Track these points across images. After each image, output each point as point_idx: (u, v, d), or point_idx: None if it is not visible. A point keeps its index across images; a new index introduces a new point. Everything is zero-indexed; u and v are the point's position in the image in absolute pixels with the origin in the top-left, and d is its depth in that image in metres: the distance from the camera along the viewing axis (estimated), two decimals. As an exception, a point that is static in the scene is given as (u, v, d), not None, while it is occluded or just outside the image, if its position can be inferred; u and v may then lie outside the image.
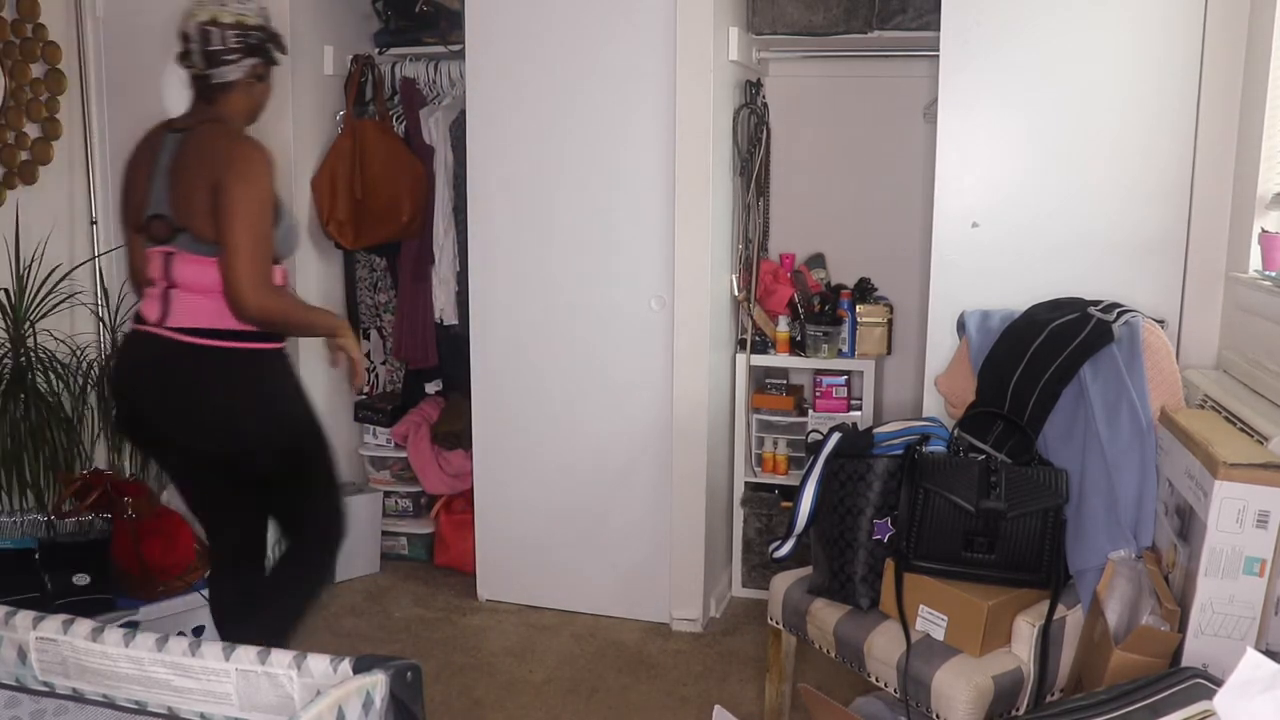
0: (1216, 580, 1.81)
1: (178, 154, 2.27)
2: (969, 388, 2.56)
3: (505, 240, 3.32)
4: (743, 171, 3.38)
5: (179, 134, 2.30)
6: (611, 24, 3.13)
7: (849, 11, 3.23)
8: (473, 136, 3.31)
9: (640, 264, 3.21)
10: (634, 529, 3.32)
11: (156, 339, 2.26)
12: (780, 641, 2.50)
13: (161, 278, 2.26)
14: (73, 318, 3.44)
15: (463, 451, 3.72)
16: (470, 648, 3.17)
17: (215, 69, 2.30)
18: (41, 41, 3.42)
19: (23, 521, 3.09)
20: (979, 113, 2.77)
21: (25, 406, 3.12)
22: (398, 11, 3.63)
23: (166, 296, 2.26)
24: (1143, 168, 2.67)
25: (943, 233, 2.81)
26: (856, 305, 3.40)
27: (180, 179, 2.25)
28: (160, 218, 2.25)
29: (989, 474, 2.19)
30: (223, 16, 2.28)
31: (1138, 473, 2.15)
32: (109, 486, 2.85)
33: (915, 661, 2.09)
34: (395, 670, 1.24)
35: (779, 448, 3.48)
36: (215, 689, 1.29)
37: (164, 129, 2.34)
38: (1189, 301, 2.68)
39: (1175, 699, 1.50)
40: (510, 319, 3.35)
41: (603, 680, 2.98)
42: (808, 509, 2.40)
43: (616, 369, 3.27)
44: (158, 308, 2.27)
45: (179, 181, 2.25)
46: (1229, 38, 2.58)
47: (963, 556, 2.18)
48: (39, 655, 1.37)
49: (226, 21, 2.29)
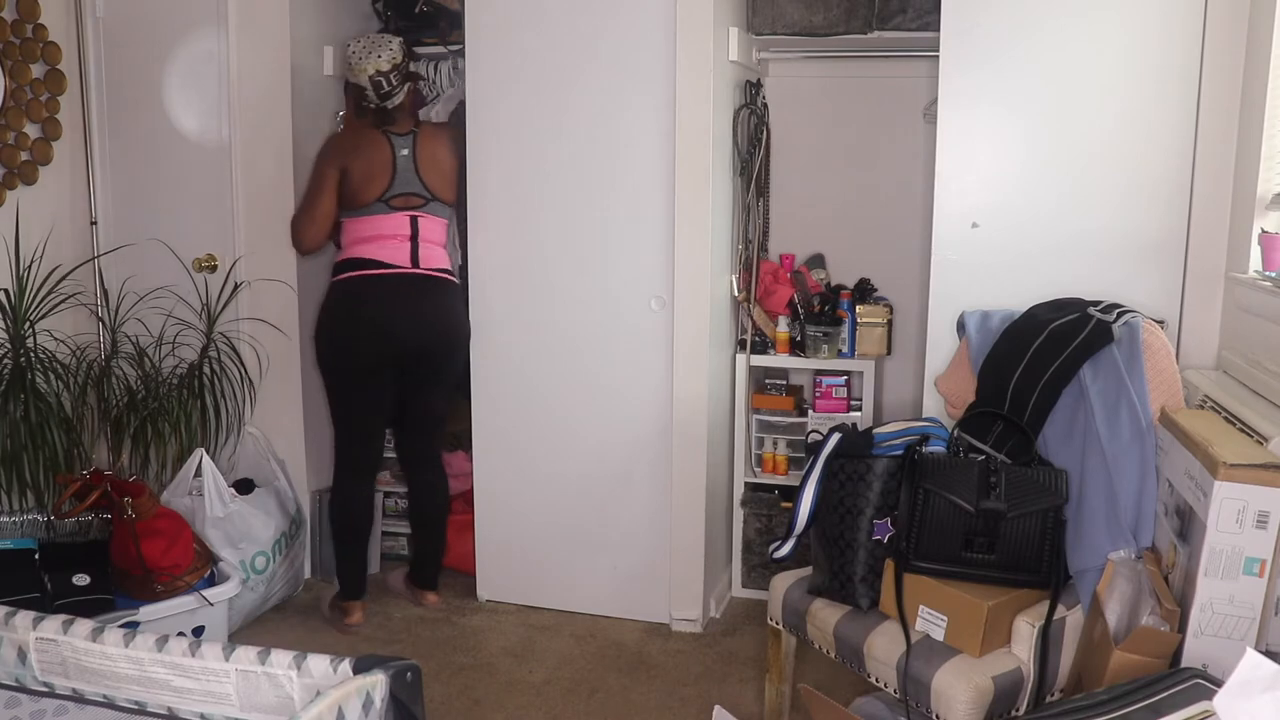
0: (1216, 580, 1.81)
1: (417, 147, 3.15)
2: (969, 388, 2.56)
3: (505, 240, 3.32)
4: (743, 171, 3.38)
5: (406, 136, 3.15)
6: (611, 24, 3.14)
7: (849, 12, 3.23)
8: (472, 136, 3.31)
9: (640, 264, 3.21)
10: (634, 529, 3.31)
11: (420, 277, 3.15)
12: (780, 642, 2.50)
13: (411, 236, 3.13)
14: (73, 318, 3.44)
15: (463, 453, 3.72)
16: (470, 648, 3.17)
17: (388, 101, 3.12)
18: (41, 41, 3.42)
19: (23, 521, 3.09)
20: (979, 113, 2.77)
21: (25, 406, 3.12)
22: (398, 11, 3.63)
23: (416, 246, 3.13)
24: (1143, 168, 2.67)
25: (943, 233, 2.81)
26: (856, 305, 3.40)
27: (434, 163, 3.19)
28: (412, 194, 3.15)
29: (989, 474, 2.19)
30: (383, 66, 3.07)
31: (1138, 473, 2.15)
32: (109, 486, 2.85)
33: (915, 662, 2.09)
34: (395, 670, 1.24)
35: (779, 448, 3.48)
36: (215, 689, 1.29)
37: (380, 132, 3.14)
38: (1189, 302, 2.68)
39: (1175, 699, 1.50)
40: (510, 319, 3.35)
41: (602, 680, 2.98)
42: (808, 509, 2.39)
43: (616, 369, 3.27)
44: (409, 255, 3.13)
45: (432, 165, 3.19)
46: (1229, 38, 2.58)
47: (963, 557, 2.18)
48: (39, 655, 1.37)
49: (386, 69, 3.07)
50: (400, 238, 3.13)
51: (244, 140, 3.40)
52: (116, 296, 3.45)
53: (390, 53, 3.08)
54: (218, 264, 3.50)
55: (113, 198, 3.60)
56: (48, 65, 3.45)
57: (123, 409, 3.35)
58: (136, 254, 3.52)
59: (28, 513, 3.11)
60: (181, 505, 3.12)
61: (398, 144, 3.14)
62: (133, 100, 3.54)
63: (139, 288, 3.49)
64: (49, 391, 3.21)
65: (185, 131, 3.49)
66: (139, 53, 3.50)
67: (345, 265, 3.15)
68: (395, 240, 3.13)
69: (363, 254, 3.12)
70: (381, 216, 3.12)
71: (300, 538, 3.48)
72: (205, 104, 3.46)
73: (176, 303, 3.47)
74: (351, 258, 3.14)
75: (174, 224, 3.52)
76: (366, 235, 3.13)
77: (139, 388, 3.38)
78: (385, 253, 3.11)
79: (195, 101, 3.47)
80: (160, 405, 3.34)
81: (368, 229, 3.12)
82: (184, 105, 3.48)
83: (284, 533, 3.35)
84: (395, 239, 3.12)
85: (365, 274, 3.11)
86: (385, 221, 3.12)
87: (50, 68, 3.46)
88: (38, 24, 3.40)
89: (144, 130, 3.54)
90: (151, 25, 3.48)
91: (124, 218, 3.59)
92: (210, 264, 3.50)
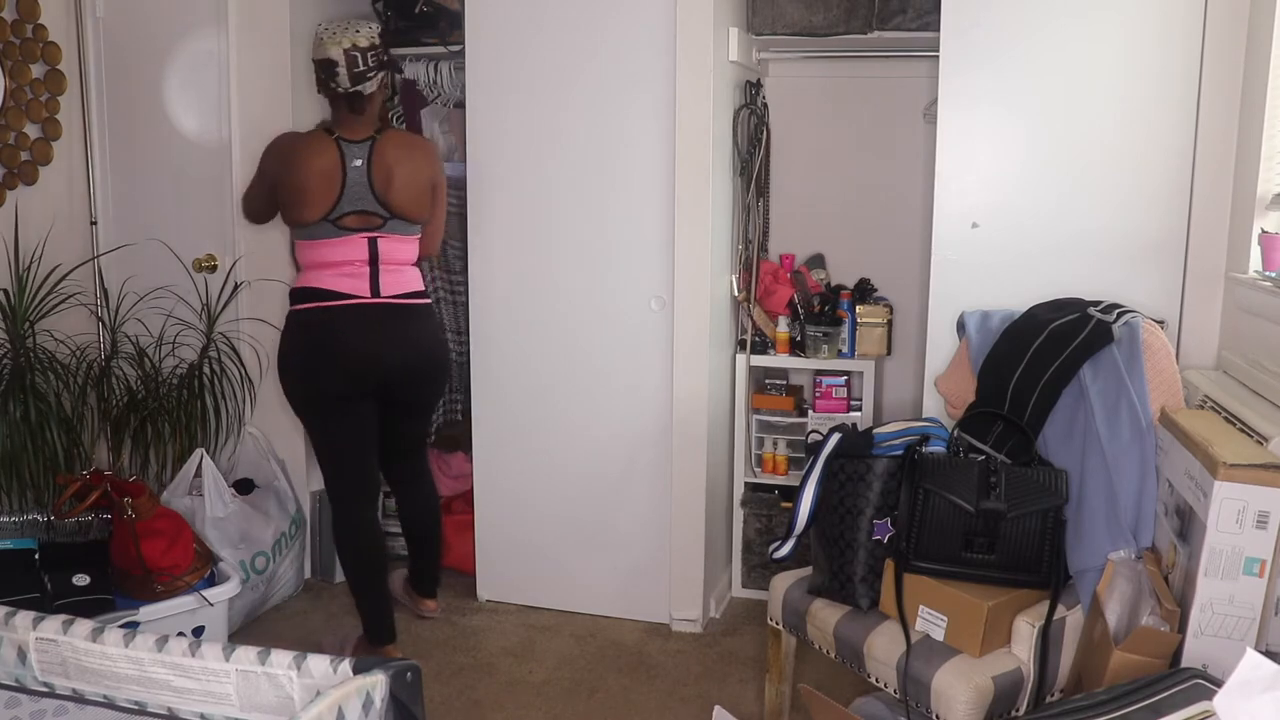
0: (1216, 580, 1.81)
1: (374, 157, 2.79)
2: (969, 388, 2.56)
3: (505, 240, 3.32)
4: (743, 172, 3.38)
5: (363, 144, 2.79)
6: (611, 25, 3.14)
7: (849, 12, 3.23)
8: (472, 137, 3.31)
9: (640, 264, 3.21)
10: (634, 529, 3.32)
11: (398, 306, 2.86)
12: (780, 642, 2.50)
13: (369, 259, 2.80)
14: (73, 318, 3.44)
15: (463, 454, 3.72)
16: (470, 648, 3.17)
17: (360, 85, 2.75)
18: (41, 41, 3.42)
19: (23, 521, 3.09)
20: (979, 113, 2.77)
21: (25, 407, 3.12)
22: (398, 12, 3.63)
23: (375, 273, 2.81)
24: (1143, 168, 2.68)
25: (943, 233, 2.81)
26: (856, 306, 3.40)
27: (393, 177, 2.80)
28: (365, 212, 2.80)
29: (989, 474, 2.19)
30: (360, 41, 2.74)
31: (1138, 473, 2.15)
32: (109, 486, 2.85)
33: (915, 662, 2.09)
34: (395, 670, 1.24)
35: (779, 448, 3.48)
36: (215, 689, 1.29)
37: (332, 138, 2.78)
38: (1189, 302, 2.68)
39: (1175, 699, 1.50)
40: (510, 319, 3.35)
41: (602, 681, 2.98)
42: (808, 509, 2.39)
43: (616, 369, 3.27)
44: (367, 284, 2.81)
45: (392, 178, 2.80)
46: (1229, 37, 2.58)
47: (963, 557, 2.18)
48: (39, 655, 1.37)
49: (364, 45, 2.74)
50: (356, 263, 2.79)
51: (244, 140, 3.40)
52: (116, 296, 3.46)
53: (369, 31, 2.77)
54: (218, 264, 3.50)
55: (113, 198, 3.60)
56: (48, 65, 3.45)
57: (123, 409, 3.36)
58: (136, 254, 3.52)
59: (28, 513, 3.11)
60: (181, 505, 3.12)
61: (349, 153, 2.76)
62: (133, 100, 3.54)
63: (139, 288, 3.49)
64: (49, 391, 3.21)
65: (185, 131, 3.49)
66: (139, 53, 3.50)
67: (301, 295, 2.84)
68: (350, 266, 2.79)
69: (317, 283, 2.80)
70: (333, 241, 2.77)
71: (300, 538, 3.48)
72: (205, 104, 3.46)
73: (176, 303, 3.48)
74: (307, 286, 2.83)
75: (174, 224, 3.52)
76: (318, 261, 2.80)
77: (139, 388, 3.38)
78: (342, 282, 2.79)
79: (195, 101, 3.47)
80: (160, 405, 3.34)
81: (319, 254, 2.80)
82: (184, 105, 3.49)
83: (284, 533, 3.35)
84: (350, 265, 2.79)
85: (322, 305, 2.80)
86: (337, 247, 2.77)
87: (50, 68, 3.46)
88: (38, 24, 3.40)
89: (144, 130, 3.54)
90: (151, 25, 3.48)
91: (124, 218, 3.60)
92: (210, 264, 3.50)
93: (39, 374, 3.20)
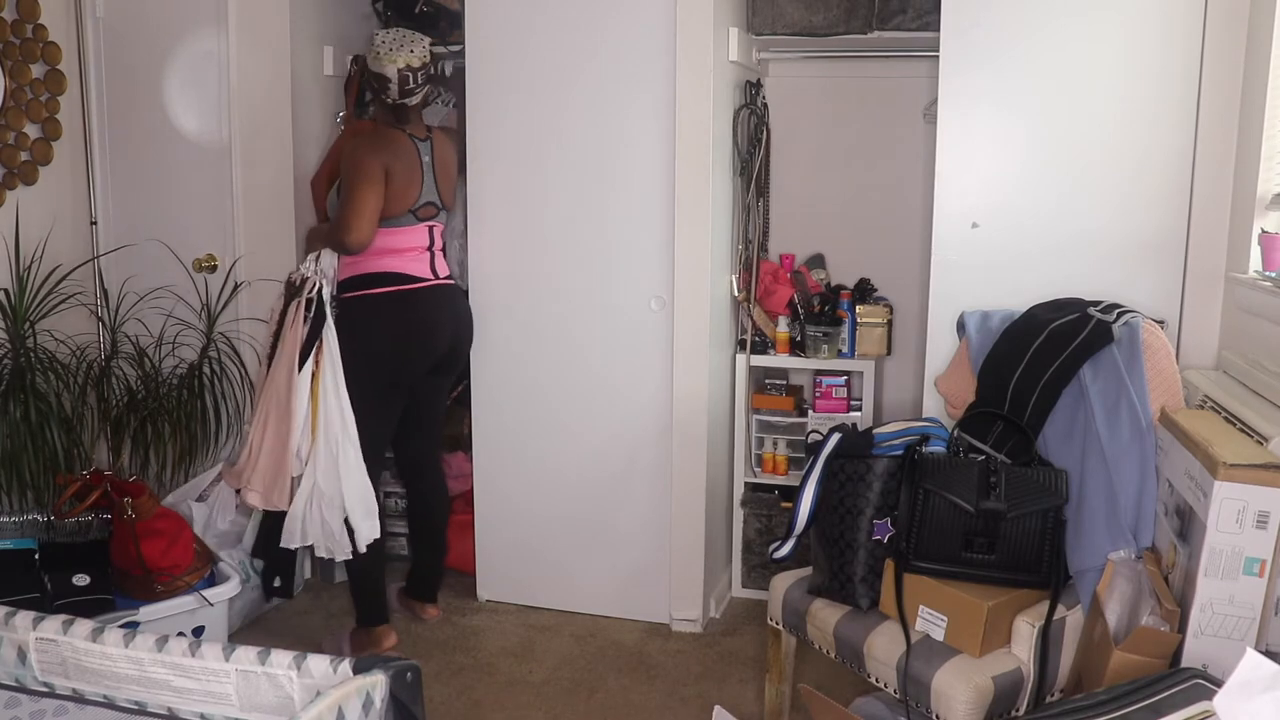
0: (1216, 580, 1.81)
1: (435, 153, 3.06)
2: (969, 388, 2.56)
3: (504, 240, 3.32)
4: (743, 172, 3.38)
5: (425, 141, 3.04)
6: (611, 25, 3.14)
7: (849, 12, 3.23)
8: (472, 136, 3.31)
9: (640, 264, 3.21)
10: (634, 529, 3.31)
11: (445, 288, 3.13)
12: (780, 642, 2.50)
13: (428, 245, 3.08)
14: (73, 318, 3.43)
15: (463, 454, 3.71)
16: (470, 648, 3.17)
17: (407, 99, 2.97)
18: (41, 41, 3.41)
19: (23, 521, 3.08)
20: (979, 113, 2.77)
21: (25, 407, 3.12)
22: (398, 12, 3.63)
23: (433, 257, 3.09)
24: (1143, 168, 2.68)
25: (943, 233, 2.81)
26: (856, 306, 3.40)
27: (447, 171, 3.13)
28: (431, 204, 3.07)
29: (989, 474, 2.19)
30: (414, 62, 2.94)
31: (1138, 473, 2.15)
32: (109, 487, 2.85)
33: (915, 662, 2.09)
34: (395, 670, 1.24)
35: (779, 448, 3.48)
36: (215, 689, 1.29)
37: (406, 134, 3.01)
38: (1189, 302, 2.68)
39: (1175, 699, 1.50)
40: (509, 319, 3.35)
41: (602, 681, 2.98)
42: (807, 509, 2.40)
43: (616, 369, 3.27)
44: (428, 267, 3.08)
45: (446, 173, 3.12)
46: (1229, 37, 2.58)
47: (963, 557, 2.18)
48: (39, 655, 1.37)
49: (416, 66, 2.95)
50: (421, 249, 3.07)
51: (244, 140, 3.40)
52: (116, 296, 3.45)
53: (422, 49, 2.97)
54: (218, 264, 3.50)
55: (113, 198, 3.60)
56: (48, 65, 3.45)
57: (123, 409, 3.35)
58: (136, 254, 3.51)
59: (28, 513, 3.10)
60: (185, 510, 3.13)
61: (421, 149, 3.04)
62: (133, 100, 3.53)
63: (139, 288, 3.48)
64: (49, 391, 3.20)
65: (185, 131, 3.49)
66: (139, 53, 3.49)
67: (372, 279, 3.00)
68: (417, 252, 3.06)
69: (389, 267, 3.00)
70: (409, 229, 3.03)
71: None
72: (205, 104, 3.45)
73: (176, 303, 3.47)
74: (380, 271, 3.00)
75: (174, 224, 3.51)
76: (390, 248, 3.00)
77: (139, 388, 3.38)
78: (412, 266, 3.04)
79: (195, 101, 3.47)
80: (160, 405, 3.34)
81: (392, 241, 3.00)
82: (184, 105, 3.48)
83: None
84: (417, 250, 3.06)
85: (401, 289, 3.02)
86: (410, 234, 3.03)
87: (50, 68, 3.45)
88: (38, 24, 3.40)
89: (144, 130, 3.53)
90: (151, 25, 3.48)
91: (124, 218, 3.59)
92: (210, 264, 3.50)
93: (39, 374, 3.20)
